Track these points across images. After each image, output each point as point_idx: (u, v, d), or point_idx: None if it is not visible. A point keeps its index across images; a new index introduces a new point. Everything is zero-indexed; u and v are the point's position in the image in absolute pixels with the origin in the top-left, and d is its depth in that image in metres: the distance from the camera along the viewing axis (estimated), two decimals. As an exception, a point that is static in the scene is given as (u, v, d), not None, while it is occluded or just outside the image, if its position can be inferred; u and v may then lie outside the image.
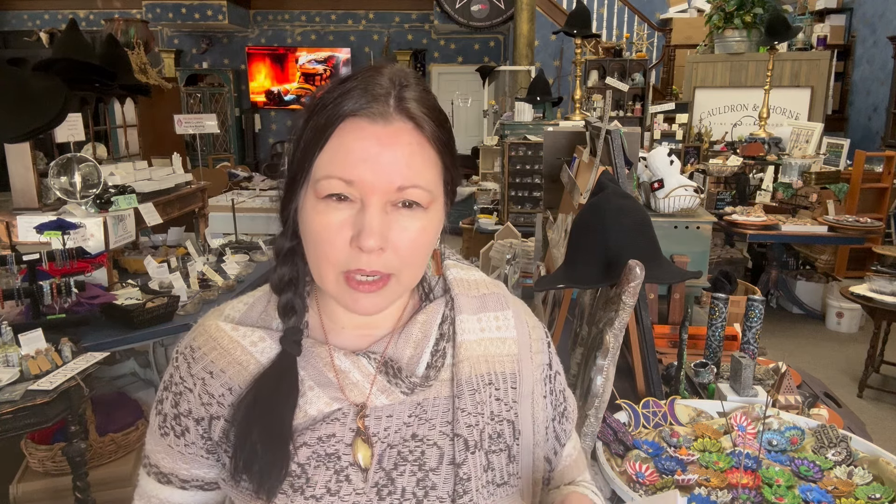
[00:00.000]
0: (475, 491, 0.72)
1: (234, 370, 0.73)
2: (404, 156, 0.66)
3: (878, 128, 7.27)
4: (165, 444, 0.75)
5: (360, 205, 0.66)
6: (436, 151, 0.69)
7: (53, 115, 2.65)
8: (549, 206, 2.90)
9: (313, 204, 0.67)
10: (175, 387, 0.75)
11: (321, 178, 0.66)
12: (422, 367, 0.74)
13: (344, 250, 0.66)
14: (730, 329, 2.00)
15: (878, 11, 7.45)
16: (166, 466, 0.76)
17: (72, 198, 2.91)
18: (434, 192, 0.69)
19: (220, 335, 0.74)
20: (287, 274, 0.74)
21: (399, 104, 0.67)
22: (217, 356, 0.73)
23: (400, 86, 0.68)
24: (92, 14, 10.74)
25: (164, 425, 0.76)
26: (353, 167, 0.65)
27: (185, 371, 0.74)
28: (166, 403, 0.76)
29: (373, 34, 11.04)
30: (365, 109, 0.66)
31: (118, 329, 2.62)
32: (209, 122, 4.24)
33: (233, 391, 0.72)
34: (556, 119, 5.79)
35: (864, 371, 3.89)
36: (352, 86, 0.67)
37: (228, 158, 9.99)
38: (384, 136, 0.65)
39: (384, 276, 0.67)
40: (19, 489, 2.64)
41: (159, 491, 0.77)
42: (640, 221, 1.53)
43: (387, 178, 0.65)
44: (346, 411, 0.72)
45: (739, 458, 1.31)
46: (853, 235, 4.37)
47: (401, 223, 0.67)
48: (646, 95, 7.85)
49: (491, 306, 0.80)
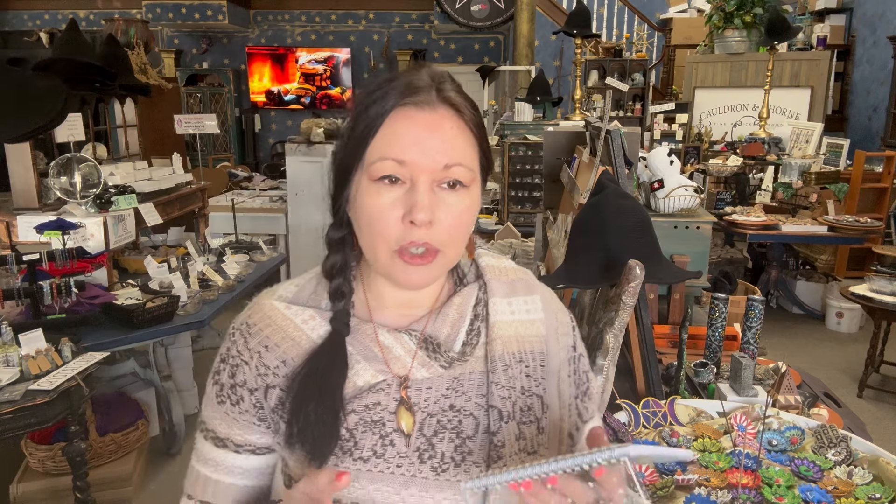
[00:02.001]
0: (508, 457, 0.78)
1: (288, 344, 0.80)
2: (449, 138, 0.74)
3: (878, 128, 7.26)
4: (222, 411, 0.82)
5: (410, 184, 0.73)
6: (474, 135, 0.78)
7: (53, 115, 2.65)
8: (549, 206, 2.90)
9: (367, 187, 0.74)
10: (232, 359, 0.81)
11: (375, 161, 0.73)
12: (458, 345, 0.81)
13: (397, 227, 0.73)
14: (730, 329, 2.00)
15: (878, 11, 7.45)
16: (222, 431, 0.82)
17: (72, 198, 2.91)
18: (474, 171, 0.77)
19: (274, 313, 0.81)
20: (338, 261, 0.81)
21: (440, 94, 0.75)
22: (272, 332, 0.80)
23: (439, 80, 0.77)
24: (92, 14, 10.73)
25: (220, 394, 0.82)
26: (404, 149, 0.73)
27: (242, 345, 0.81)
28: (223, 374, 0.82)
29: (373, 34, 11.03)
30: (412, 99, 0.74)
31: (118, 329, 2.62)
32: (209, 122, 4.23)
33: (286, 363, 0.79)
34: (556, 119, 5.78)
35: (864, 371, 3.89)
36: (397, 82, 0.75)
37: (228, 158, 9.97)
38: (431, 121, 0.74)
39: (432, 250, 0.74)
40: (19, 489, 2.64)
41: (216, 454, 0.83)
42: (640, 221, 1.53)
43: (434, 158, 0.73)
44: (391, 382, 0.79)
45: (739, 458, 1.31)
46: (853, 235, 4.37)
47: (447, 201, 0.74)
48: (646, 95, 7.85)
49: (520, 291, 0.87)
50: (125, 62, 3.66)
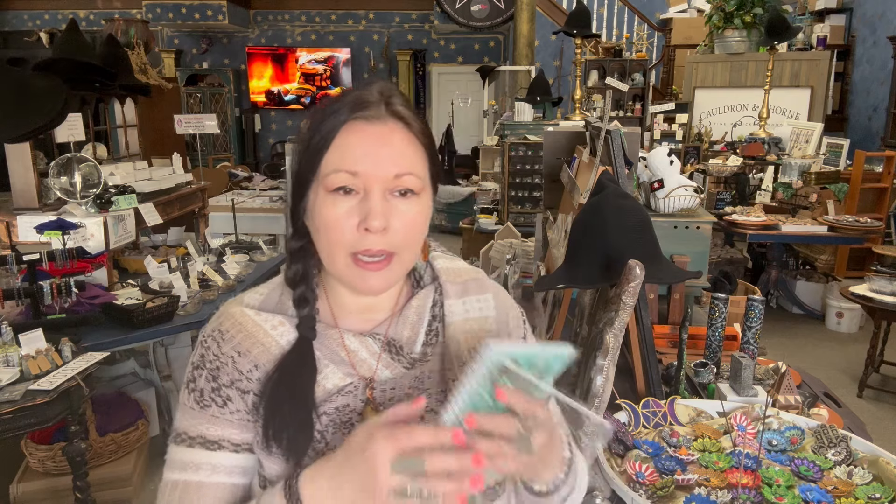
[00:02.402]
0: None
1: (259, 350, 0.82)
2: (398, 149, 0.78)
3: (878, 128, 7.27)
4: (208, 415, 0.81)
5: (364, 194, 0.77)
6: (422, 146, 0.81)
7: (53, 115, 2.65)
8: (549, 206, 2.90)
9: (323, 198, 0.78)
10: (209, 364, 0.82)
11: (330, 173, 0.77)
12: (419, 346, 0.86)
13: (352, 234, 0.77)
14: (730, 329, 2.00)
15: (878, 11, 7.45)
16: (214, 434, 0.81)
17: (72, 198, 2.91)
18: (424, 179, 0.80)
19: (244, 319, 0.84)
20: (299, 270, 0.84)
21: (389, 108, 0.80)
22: (243, 338, 0.82)
23: (388, 94, 0.81)
24: (92, 14, 10.74)
25: (202, 399, 0.82)
26: (357, 161, 0.76)
27: (217, 350, 0.83)
28: (201, 380, 0.82)
29: (373, 34, 11.04)
30: (362, 113, 0.78)
31: (118, 329, 2.62)
32: (209, 122, 4.23)
33: (259, 368, 0.81)
34: (556, 119, 5.79)
35: (864, 371, 3.89)
36: (348, 97, 0.80)
37: (228, 158, 9.97)
38: (381, 133, 0.78)
39: (388, 254, 0.78)
40: (19, 489, 2.64)
41: (209, 457, 0.81)
42: (640, 221, 1.53)
43: (385, 168, 0.77)
44: (357, 384, 0.83)
45: (739, 458, 1.31)
46: (853, 235, 4.37)
47: (399, 208, 0.78)
48: (646, 95, 7.85)
49: (473, 290, 0.92)
50: (125, 62, 3.66)
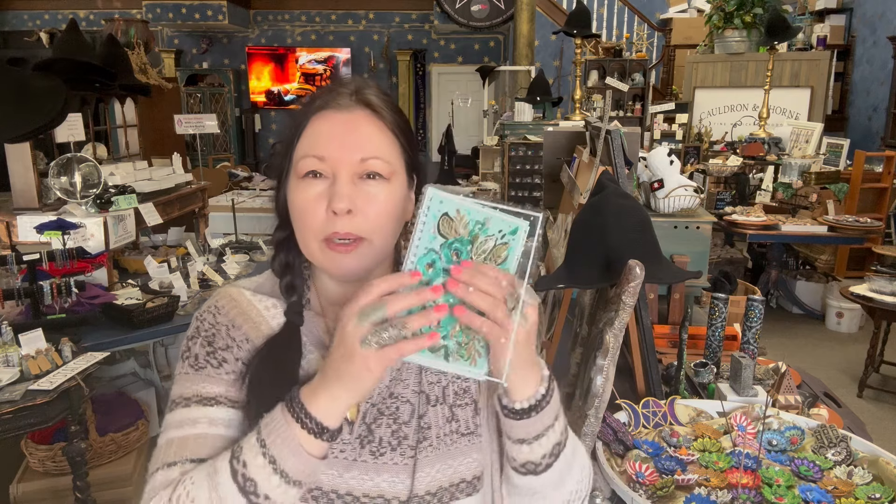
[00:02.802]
0: (435, 437, 0.84)
1: (249, 326, 0.85)
2: (364, 134, 0.81)
3: (878, 128, 7.27)
4: (205, 375, 0.83)
5: (332, 179, 0.79)
6: (393, 134, 0.83)
7: (53, 115, 2.64)
8: (549, 206, 2.90)
9: (295, 184, 0.81)
10: (205, 332, 0.85)
11: (299, 160, 0.81)
12: None
13: (322, 218, 0.79)
14: (730, 329, 2.00)
15: (878, 11, 7.45)
16: (211, 391, 0.82)
17: (72, 198, 2.91)
18: (393, 164, 0.82)
19: (240, 297, 0.88)
20: (285, 259, 0.87)
21: (358, 97, 0.82)
22: (237, 314, 0.86)
23: (360, 86, 0.84)
24: (92, 14, 10.73)
25: (197, 363, 0.83)
26: (323, 146, 0.80)
27: (212, 320, 0.86)
28: (195, 347, 0.85)
29: (373, 34, 11.03)
30: (331, 103, 0.82)
31: (118, 329, 2.61)
32: (209, 122, 4.23)
33: (249, 341, 0.84)
34: (556, 119, 5.79)
35: (864, 371, 3.89)
36: (322, 90, 0.84)
37: (228, 158, 9.97)
38: (347, 120, 0.81)
39: (357, 238, 0.79)
40: (19, 489, 2.64)
41: (207, 412, 0.81)
42: (640, 221, 1.53)
43: (351, 152, 0.79)
44: None
45: (739, 457, 1.31)
46: (853, 235, 4.37)
47: (367, 191, 0.80)
48: (646, 95, 7.85)
49: None
50: (125, 62, 3.66)
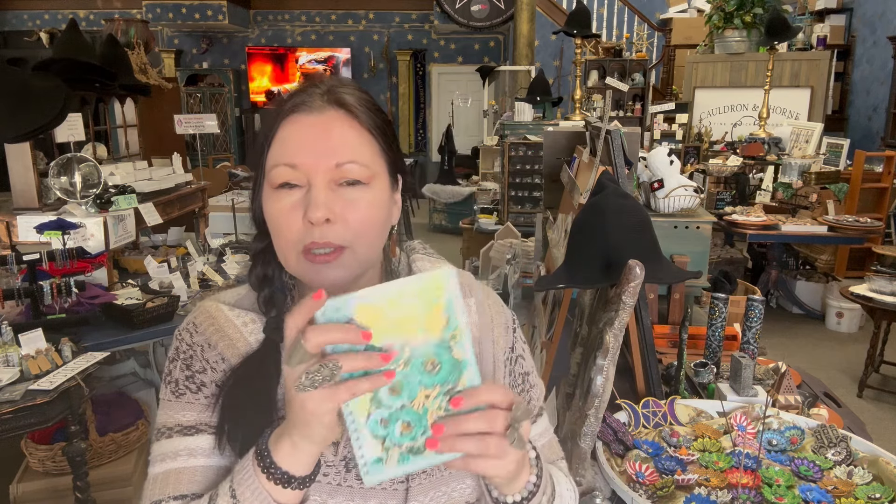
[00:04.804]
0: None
1: (225, 344, 0.81)
2: (338, 137, 0.74)
3: (878, 128, 7.27)
4: (184, 402, 0.80)
5: (308, 187, 0.74)
6: (371, 135, 0.77)
7: (53, 115, 2.65)
8: (549, 206, 2.90)
9: (269, 194, 0.76)
10: (183, 354, 0.82)
11: (271, 169, 0.75)
12: None
13: (299, 229, 0.73)
14: (730, 329, 2.00)
15: (878, 11, 7.45)
16: (191, 419, 0.79)
17: (72, 198, 2.91)
18: (372, 167, 0.76)
19: (217, 313, 0.83)
20: (263, 272, 0.82)
21: (331, 97, 0.76)
22: (213, 332, 0.81)
23: (333, 85, 0.78)
24: (92, 14, 10.73)
25: (177, 389, 0.80)
26: (295, 153, 0.74)
27: (189, 341, 0.82)
28: (175, 371, 0.81)
29: (373, 34, 11.03)
30: (302, 106, 0.75)
31: (118, 329, 2.61)
32: (209, 122, 4.23)
33: (224, 360, 0.80)
34: (556, 119, 5.79)
35: (864, 371, 3.89)
36: (293, 93, 0.78)
37: (228, 158, 9.96)
38: (318, 122, 0.74)
39: (337, 247, 0.73)
40: (19, 489, 2.64)
41: (187, 443, 0.78)
42: (640, 221, 1.53)
43: (325, 157, 0.73)
44: None
45: (739, 457, 1.31)
46: (853, 235, 4.37)
47: (346, 197, 0.74)
48: (646, 95, 7.85)
49: None
50: (125, 62, 3.66)
